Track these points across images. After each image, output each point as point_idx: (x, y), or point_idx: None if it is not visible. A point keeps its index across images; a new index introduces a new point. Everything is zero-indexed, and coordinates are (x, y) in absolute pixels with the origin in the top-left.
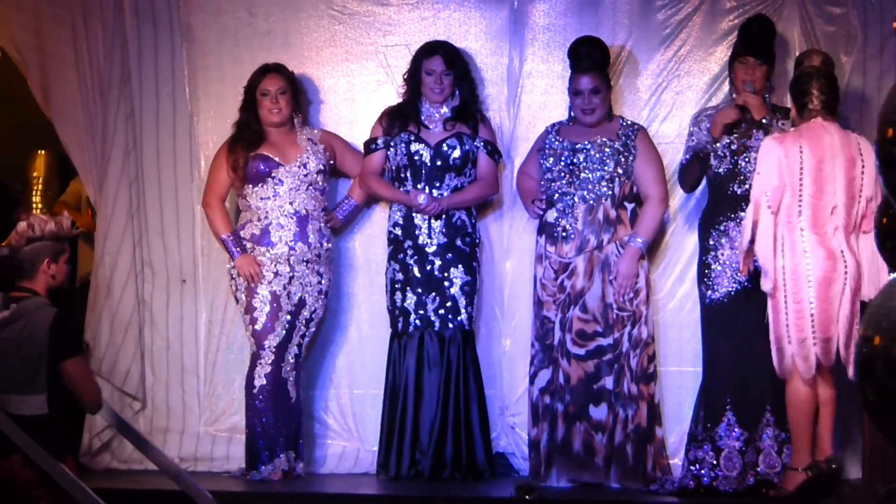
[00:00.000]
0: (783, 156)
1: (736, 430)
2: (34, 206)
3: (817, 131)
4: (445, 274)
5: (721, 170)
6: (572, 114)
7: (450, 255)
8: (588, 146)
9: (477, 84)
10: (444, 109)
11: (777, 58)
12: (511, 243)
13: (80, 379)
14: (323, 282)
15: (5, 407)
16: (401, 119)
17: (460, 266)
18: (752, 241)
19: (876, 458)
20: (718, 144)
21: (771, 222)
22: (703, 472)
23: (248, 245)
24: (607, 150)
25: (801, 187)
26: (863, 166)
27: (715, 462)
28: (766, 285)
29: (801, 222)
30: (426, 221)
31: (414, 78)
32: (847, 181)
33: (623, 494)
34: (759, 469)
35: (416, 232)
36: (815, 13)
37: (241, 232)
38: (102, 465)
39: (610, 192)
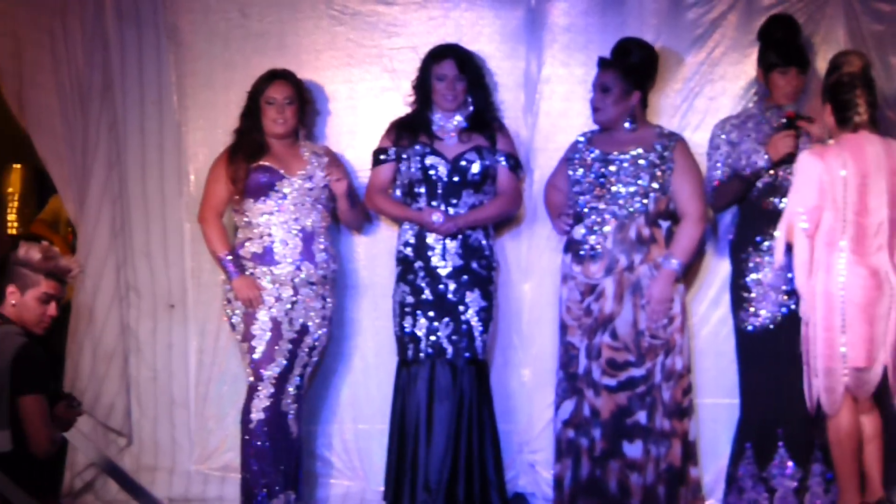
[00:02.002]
0: (824, 172)
1: (789, 467)
2: (9, 224)
3: (860, 143)
4: (460, 298)
5: (759, 183)
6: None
7: (465, 277)
8: (621, 157)
9: (491, 90)
10: (458, 118)
11: (822, 60)
12: (530, 263)
13: (33, 420)
14: (327, 306)
15: None
16: (410, 131)
17: (476, 290)
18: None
19: None
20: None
21: (806, 245)
22: None
23: (249, 265)
24: (642, 162)
25: (845, 206)
26: None
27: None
28: (802, 310)
29: (844, 243)
30: (440, 242)
31: (423, 85)
32: (892, 195)
33: None
34: None
35: (429, 253)
36: (861, 11)
37: (240, 251)
38: None
39: (643, 209)
